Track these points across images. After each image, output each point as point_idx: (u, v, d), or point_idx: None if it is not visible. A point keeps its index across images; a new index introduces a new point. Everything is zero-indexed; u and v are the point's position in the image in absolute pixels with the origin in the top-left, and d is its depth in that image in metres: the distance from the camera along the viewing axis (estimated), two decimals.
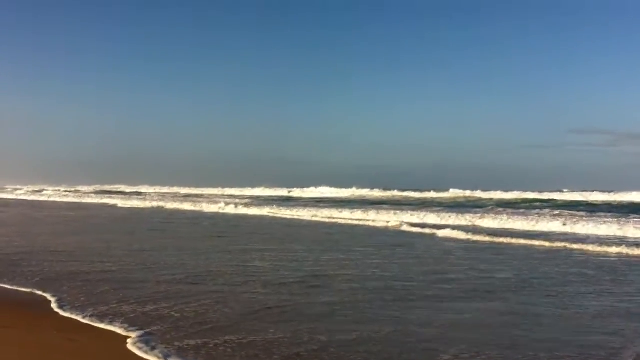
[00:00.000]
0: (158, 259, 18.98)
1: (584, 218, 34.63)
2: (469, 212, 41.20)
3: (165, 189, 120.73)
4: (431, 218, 37.97)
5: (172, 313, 11.22)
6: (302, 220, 41.72)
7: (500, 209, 47.31)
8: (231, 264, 18.09)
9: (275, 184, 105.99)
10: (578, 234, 28.88)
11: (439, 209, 47.60)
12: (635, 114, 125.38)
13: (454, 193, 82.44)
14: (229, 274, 16.03)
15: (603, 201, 62.77)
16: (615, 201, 62.63)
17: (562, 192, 76.52)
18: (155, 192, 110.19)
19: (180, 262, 18.36)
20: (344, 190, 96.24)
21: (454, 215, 38.02)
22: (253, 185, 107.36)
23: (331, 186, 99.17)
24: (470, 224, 34.58)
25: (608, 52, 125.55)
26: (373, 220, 39.03)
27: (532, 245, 24.34)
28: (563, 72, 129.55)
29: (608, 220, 32.67)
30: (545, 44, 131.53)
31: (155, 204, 65.55)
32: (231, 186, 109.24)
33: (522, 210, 44.80)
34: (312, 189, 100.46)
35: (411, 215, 39.74)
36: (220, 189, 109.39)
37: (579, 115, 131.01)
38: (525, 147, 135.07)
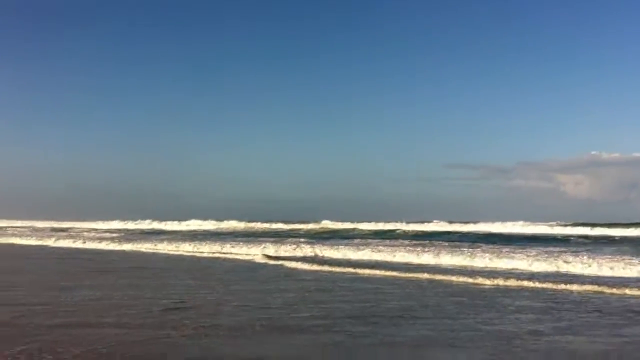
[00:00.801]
0: (17, 296, 17.72)
1: (439, 248, 37.51)
2: (325, 243, 44.37)
3: (22, 223, 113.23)
4: (290, 250, 39.02)
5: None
6: (164, 254, 40.72)
7: (365, 240, 50.65)
8: (101, 300, 17.26)
9: (149, 216, 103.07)
10: (429, 264, 30.39)
11: (312, 240, 50.16)
12: (504, 150, 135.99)
13: (324, 224, 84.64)
14: (99, 310, 15.28)
15: (468, 231, 67.17)
16: (477, 231, 67.25)
17: (430, 222, 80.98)
18: (10, 227, 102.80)
19: (46, 299, 17.22)
20: (217, 222, 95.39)
21: (315, 247, 39.57)
22: (124, 218, 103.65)
23: (205, 219, 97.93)
24: (320, 254, 36.26)
25: (482, 91, 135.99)
26: (231, 254, 39.15)
27: (384, 276, 25.06)
28: (439, 108, 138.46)
29: (461, 250, 35.13)
30: (418, 81, 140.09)
31: (10, 240, 61.10)
32: (102, 219, 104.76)
33: (376, 241, 48.16)
34: (184, 222, 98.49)
35: (267, 247, 40.60)
36: (91, 222, 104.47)
37: (453, 150, 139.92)
38: (404, 180, 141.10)
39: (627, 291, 19.89)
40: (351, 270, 27.12)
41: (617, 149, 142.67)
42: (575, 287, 20.91)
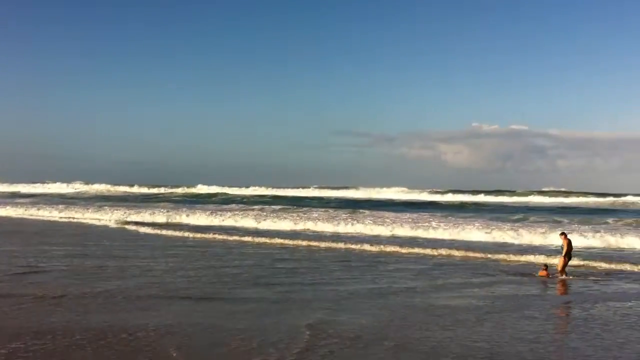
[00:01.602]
0: None
1: (317, 214, 39.12)
2: (194, 207, 46.37)
3: None
4: (155, 216, 38.73)
5: None
6: (23, 218, 39.64)
7: (238, 206, 50.93)
8: None
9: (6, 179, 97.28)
10: (309, 230, 31.95)
11: (182, 204, 51.88)
12: (391, 119, 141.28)
13: (199, 188, 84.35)
14: None
15: (350, 197, 69.65)
16: (358, 198, 69.91)
17: (308, 188, 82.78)
18: None
19: None
20: (85, 185, 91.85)
21: (181, 212, 39.95)
22: None
23: (71, 182, 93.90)
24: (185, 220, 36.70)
25: (368, 61, 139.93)
26: (92, 219, 38.55)
27: (258, 243, 25.70)
28: (326, 77, 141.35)
29: (337, 218, 36.17)
30: (306, 53, 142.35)
31: None
32: None
33: (256, 207, 48.51)
34: (48, 185, 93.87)
35: (134, 212, 40.31)
36: None
37: (341, 118, 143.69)
38: (293, 146, 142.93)
39: (502, 256, 21.76)
40: (225, 237, 27.70)
41: (495, 121, 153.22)
42: (449, 252, 22.60)
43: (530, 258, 21.06)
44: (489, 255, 21.72)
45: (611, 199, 67.58)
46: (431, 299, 13.69)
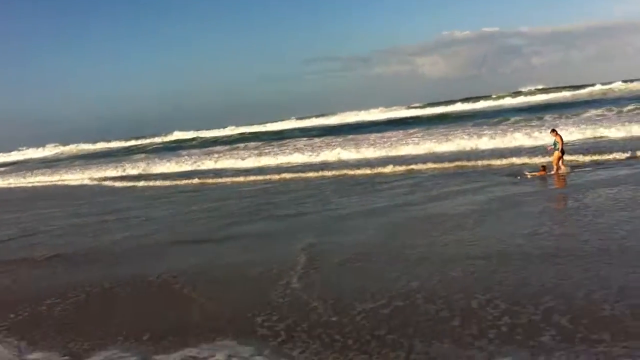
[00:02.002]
0: None
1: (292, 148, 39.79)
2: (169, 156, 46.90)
3: None
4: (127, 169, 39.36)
5: None
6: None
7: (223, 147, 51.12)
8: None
9: None
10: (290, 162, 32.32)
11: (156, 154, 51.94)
12: (365, 39, 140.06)
13: (175, 135, 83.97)
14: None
15: (328, 124, 69.80)
16: (333, 124, 70.13)
17: (286, 120, 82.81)
18: None
19: None
20: (60, 147, 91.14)
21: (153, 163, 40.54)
22: None
23: (44, 146, 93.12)
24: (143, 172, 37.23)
25: None
26: (70, 180, 39.02)
27: (253, 181, 26.60)
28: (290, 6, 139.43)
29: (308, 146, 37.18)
30: None
31: None
32: None
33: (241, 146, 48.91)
34: (19, 151, 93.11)
35: (109, 169, 41.02)
36: None
37: (310, 45, 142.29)
38: (265, 81, 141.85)
39: (491, 161, 22.42)
40: (220, 180, 28.13)
41: (467, 27, 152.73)
42: (438, 164, 23.23)
43: (518, 160, 21.75)
44: (478, 162, 22.39)
45: (589, 89, 67.87)
46: (429, 209, 14.37)
